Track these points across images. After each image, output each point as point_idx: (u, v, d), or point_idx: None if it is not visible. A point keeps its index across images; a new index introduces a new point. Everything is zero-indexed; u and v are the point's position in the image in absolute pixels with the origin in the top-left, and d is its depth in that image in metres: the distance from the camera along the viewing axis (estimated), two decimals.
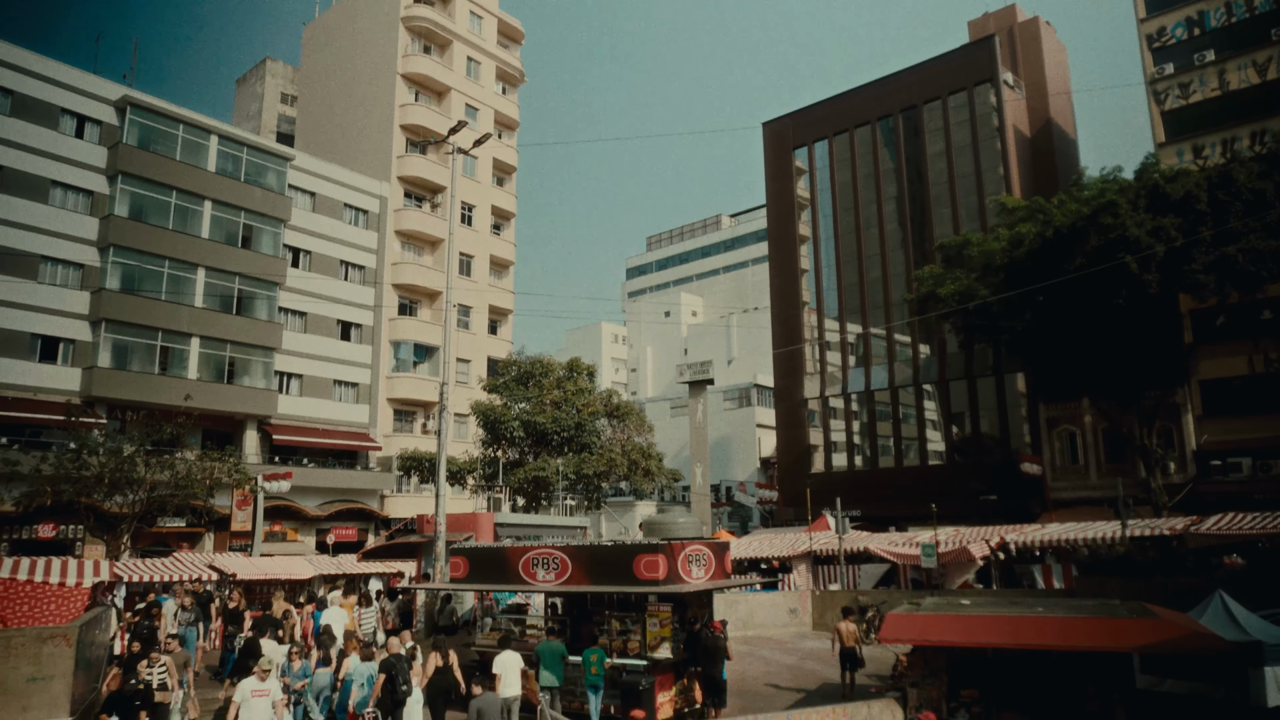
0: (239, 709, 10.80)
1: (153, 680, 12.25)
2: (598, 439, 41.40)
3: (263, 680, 11.09)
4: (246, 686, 10.99)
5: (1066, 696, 12.95)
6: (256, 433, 38.04)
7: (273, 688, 11.12)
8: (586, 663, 13.81)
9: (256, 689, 10.97)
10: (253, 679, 11.13)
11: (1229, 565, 22.85)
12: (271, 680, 11.15)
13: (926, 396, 45.33)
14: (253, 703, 10.86)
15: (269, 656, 11.49)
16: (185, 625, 15.60)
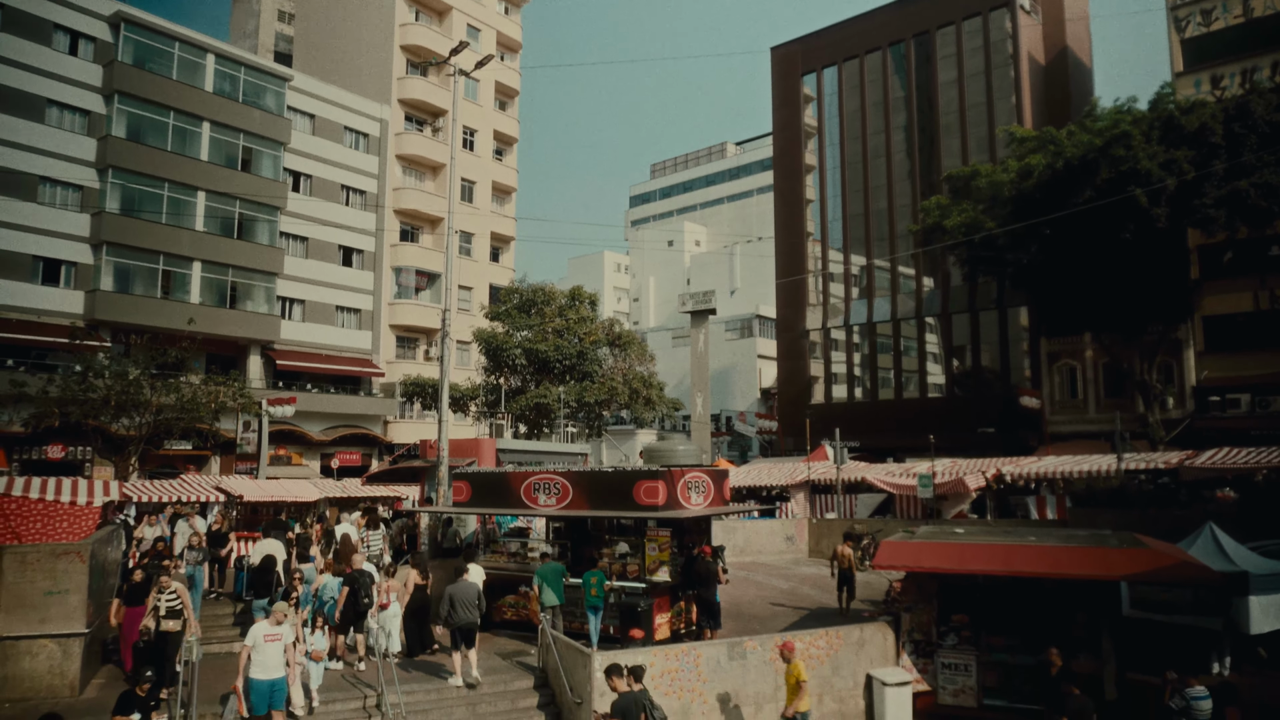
0: (251, 653, 10.58)
1: (161, 608, 12.19)
2: (599, 367, 41.57)
3: (277, 624, 10.87)
4: (259, 631, 10.75)
5: (1054, 623, 13.28)
6: (260, 358, 38.21)
7: (285, 632, 10.89)
8: (586, 585, 14.15)
9: (269, 633, 10.75)
10: (265, 623, 10.90)
11: (1221, 499, 23.16)
12: (285, 625, 10.93)
13: (928, 329, 45.31)
14: (265, 647, 10.65)
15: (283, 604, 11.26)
16: (193, 565, 15.12)
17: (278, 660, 10.63)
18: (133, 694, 9.26)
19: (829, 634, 13.26)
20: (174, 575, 13.25)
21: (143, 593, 12.77)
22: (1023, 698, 13.19)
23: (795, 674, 10.80)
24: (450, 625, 12.83)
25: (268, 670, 10.53)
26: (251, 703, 10.42)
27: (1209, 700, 10.06)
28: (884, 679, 12.97)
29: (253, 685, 10.46)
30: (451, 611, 12.78)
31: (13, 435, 28.90)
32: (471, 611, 12.80)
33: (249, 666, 10.50)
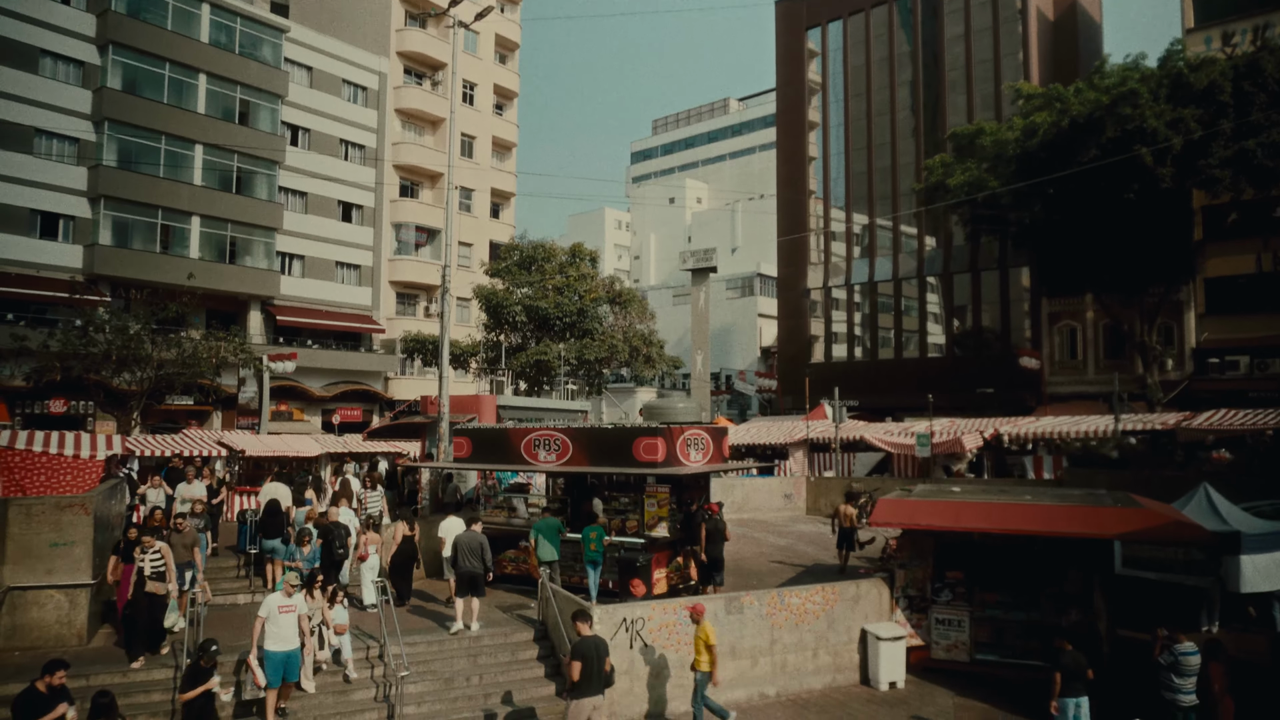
0: (264, 624, 10.42)
1: (145, 568, 11.76)
2: (600, 325, 41.57)
3: (289, 595, 10.72)
4: (273, 602, 10.59)
5: (1048, 580, 13.47)
6: (260, 313, 38.19)
7: (299, 603, 10.75)
8: (586, 540, 14.31)
9: (283, 604, 10.58)
10: (279, 595, 10.74)
11: (1216, 459, 23.34)
12: (298, 595, 10.80)
13: (929, 289, 45.21)
14: (280, 618, 10.47)
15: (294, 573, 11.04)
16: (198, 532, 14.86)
17: (292, 631, 10.53)
18: (197, 666, 9.37)
19: (825, 589, 13.45)
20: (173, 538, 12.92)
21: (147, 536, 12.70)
22: (1014, 653, 13.43)
23: (704, 636, 10.98)
24: (457, 572, 13.32)
25: (282, 642, 10.44)
26: (268, 674, 10.35)
27: (1196, 656, 10.23)
28: (878, 633, 13.18)
29: (267, 656, 10.36)
30: (456, 560, 13.34)
31: (15, 389, 28.99)
32: (475, 560, 13.13)
33: (263, 638, 10.40)
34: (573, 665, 9.69)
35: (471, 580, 13.06)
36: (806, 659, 13.10)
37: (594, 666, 9.75)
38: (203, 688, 8.83)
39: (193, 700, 9.05)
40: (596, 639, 10.09)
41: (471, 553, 13.15)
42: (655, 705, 11.92)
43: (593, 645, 9.92)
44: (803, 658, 13.07)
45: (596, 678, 9.76)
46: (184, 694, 8.97)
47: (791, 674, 12.97)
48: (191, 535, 13.20)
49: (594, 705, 9.74)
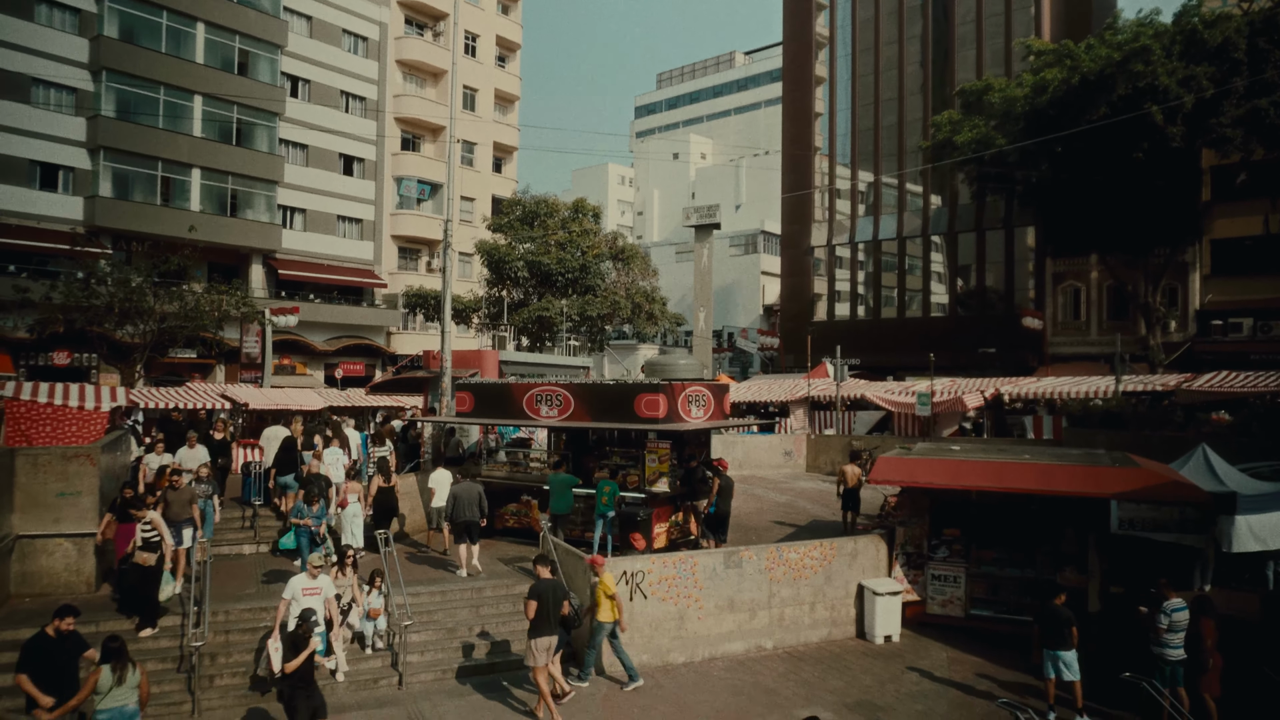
0: (289, 607, 10.19)
1: (136, 539, 11.64)
2: (602, 281, 41.45)
3: (314, 578, 10.49)
4: (297, 584, 10.38)
5: (1044, 538, 13.62)
6: (262, 267, 38.09)
7: (324, 584, 10.54)
8: (600, 493, 14.49)
9: (308, 587, 10.37)
10: (303, 576, 10.52)
11: (1216, 421, 23.39)
12: (323, 577, 10.57)
13: (934, 248, 44.96)
14: (305, 601, 10.20)
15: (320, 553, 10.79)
16: (205, 498, 14.40)
17: (319, 615, 10.24)
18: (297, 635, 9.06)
19: (823, 545, 13.61)
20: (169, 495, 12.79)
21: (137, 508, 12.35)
22: (1008, 609, 13.64)
23: (603, 587, 11.18)
24: (454, 521, 14.05)
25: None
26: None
27: (1185, 611, 10.38)
28: (875, 588, 13.37)
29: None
30: (454, 510, 14.06)
31: (18, 341, 29.05)
32: (473, 510, 13.97)
33: (287, 620, 10.08)
34: (529, 605, 10.21)
35: (469, 528, 13.91)
36: (804, 613, 13.31)
37: (549, 608, 10.25)
38: (304, 655, 8.66)
39: (296, 670, 8.80)
40: (554, 582, 10.57)
41: (470, 503, 14.04)
42: (654, 655, 12.14)
43: (549, 588, 10.38)
44: (800, 612, 13.27)
45: (552, 618, 10.28)
46: (287, 664, 8.73)
47: (789, 627, 13.18)
48: (189, 492, 13.06)
49: (549, 644, 10.27)
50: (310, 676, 8.95)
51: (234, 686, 10.85)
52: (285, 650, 8.83)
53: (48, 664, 8.22)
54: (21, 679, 8.10)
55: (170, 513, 12.49)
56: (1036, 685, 11.51)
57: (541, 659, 10.19)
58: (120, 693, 8.14)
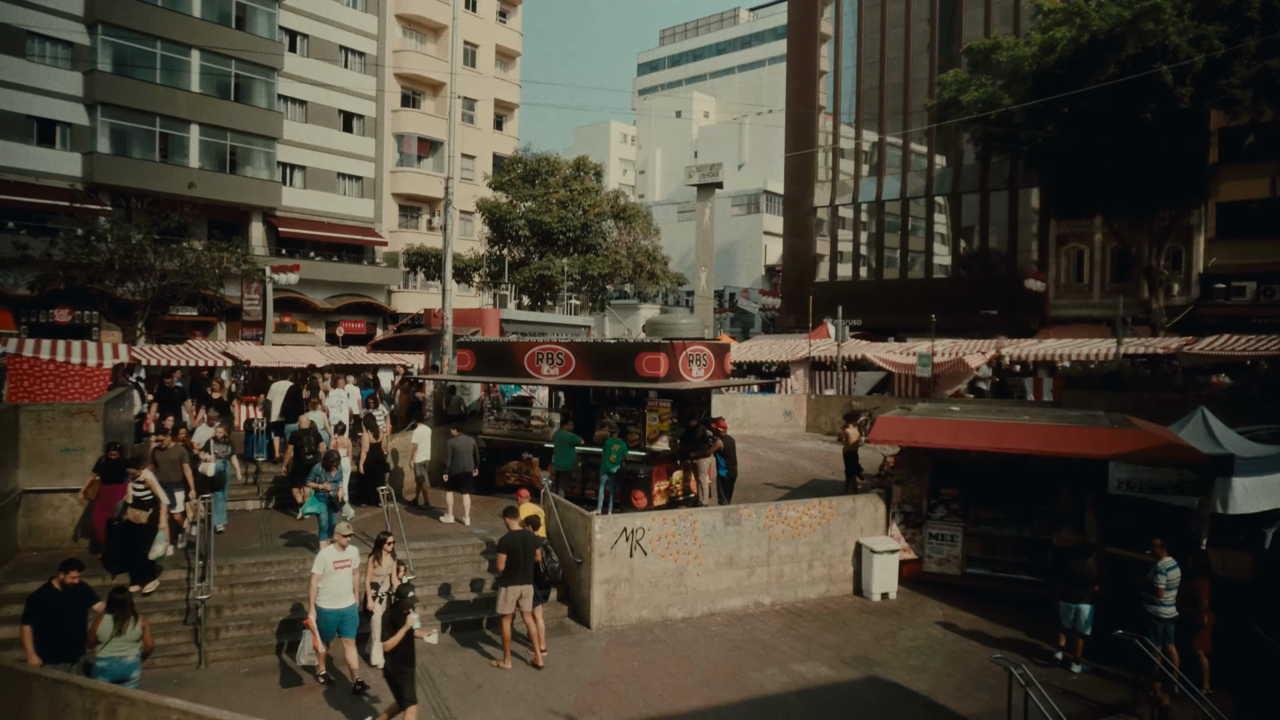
0: (319, 581, 9.64)
1: (128, 497, 11.43)
2: (603, 240, 41.27)
3: (343, 549, 9.88)
4: (328, 557, 9.75)
5: (1041, 499, 13.73)
6: (262, 225, 37.91)
7: (353, 555, 9.95)
8: (608, 450, 14.60)
9: (338, 559, 9.76)
10: (333, 548, 9.87)
11: (1216, 384, 23.43)
12: (352, 549, 9.99)
13: (937, 209, 44.68)
14: (335, 575, 9.70)
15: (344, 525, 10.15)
16: (223, 459, 14.06)
17: (347, 588, 9.81)
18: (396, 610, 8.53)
19: (822, 504, 13.72)
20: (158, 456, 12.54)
21: (122, 470, 12.09)
22: (1004, 567, 13.80)
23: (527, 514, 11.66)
24: (453, 474, 14.56)
25: (337, 600, 9.71)
26: (321, 631, 9.69)
27: (1178, 571, 10.50)
28: (872, 547, 13.51)
29: (322, 615, 9.65)
30: (454, 462, 14.51)
31: (19, 298, 29.03)
32: (470, 462, 14.58)
33: (318, 596, 9.64)
34: (499, 557, 10.48)
35: (465, 479, 14.45)
36: (802, 570, 13.46)
37: (519, 558, 10.46)
38: (403, 630, 8.29)
39: (396, 647, 8.35)
40: (524, 534, 10.70)
41: (467, 455, 14.61)
42: (654, 611, 12.31)
43: (519, 539, 10.57)
44: (798, 569, 13.43)
45: (523, 568, 10.48)
46: (386, 641, 8.32)
47: (787, 584, 13.34)
48: (178, 452, 12.74)
49: (519, 593, 10.49)
50: (413, 654, 8.50)
51: (239, 639, 11.02)
52: (384, 628, 8.44)
53: (54, 617, 8.33)
54: (24, 631, 8.23)
55: (160, 474, 12.21)
56: (1030, 642, 11.70)
57: (508, 607, 10.51)
58: (120, 644, 8.26)
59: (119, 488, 11.82)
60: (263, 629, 11.23)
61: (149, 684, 9.02)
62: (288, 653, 10.85)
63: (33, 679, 7.25)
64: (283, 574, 12.17)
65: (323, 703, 9.63)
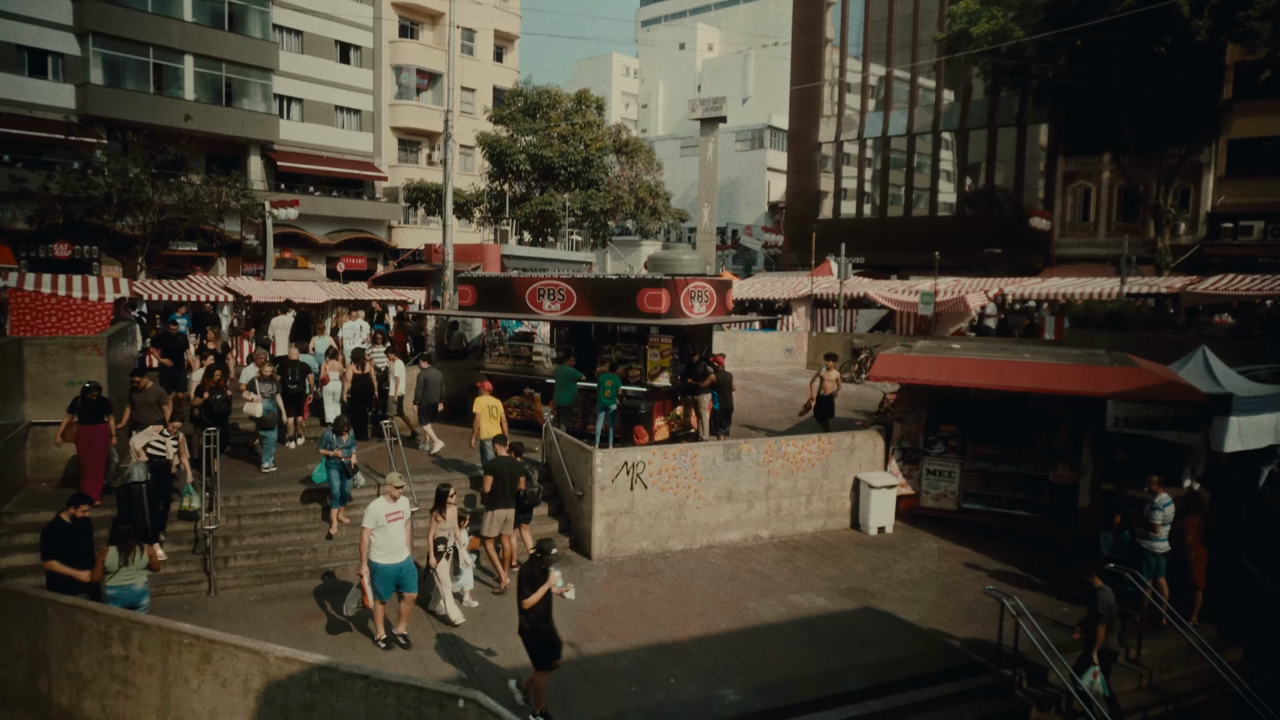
0: (372, 536, 9.16)
1: (166, 452, 11.26)
2: (605, 175, 40.79)
3: (394, 500, 9.35)
4: (379, 511, 9.20)
5: (1038, 436, 13.84)
6: (260, 159, 37.46)
7: (404, 507, 9.47)
8: (601, 385, 14.65)
9: (390, 512, 9.26)
10: (383, 500, 9.31)
11: (1218, 324, 23.43)
12: (403, 500, 9.49)
13: (944, 146, 44.02)
14: (389, 529, 9.21)
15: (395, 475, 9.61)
16: (269, 398, 13.58)
17: (401, 541, 9.34)
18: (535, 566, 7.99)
19: (821, 439, 13.85)
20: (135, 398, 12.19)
21: (102, 410, 11.64)
22: (999, 503, 14.00)
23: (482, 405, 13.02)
24: (423, 404, 14.91)
25: (393, 554, 9.25)
26: (377, 589, 9.21)
27: (1172, 507, 10.65)
28: (871, 482, 13.68)
29: (378, 571, 9.18)
30: (426, 393, 14.90)
31: (18, 232, 28.87)
32: (436, 393, 14.98)
33: (371, 551, 9.17)
34: (485, 480, 10.88)
35: (431, 409, 14.92)
36: (800, 504, 13.65)
37: (505, 483, 10.86)
38: (544, 588, 7.88)
39: (536, 604, 7.94)
40: (510, 460, 11.03)
41: (437, 387, 15.04)
42: (654, 543, 12.53)
43: (505, 464, 10.94)
44: (796, 503, 13.61)
45: (508, 492, 10.89)
46: (526, 600, 7.88)
47: (785, 518, 13.55)
48: (155, 393, 12.36)
49: (504, 517, 10.93)
50: (550, 612, 8.06)
51: (247, 568, 11.25)
52: (522, 586, 7.94)
53: (68, 547, 8.49)
54: (52, 564, 8.38)
55: (137, 415, 12.01)
56: (1023, 575, 11.94)
57: (494, 529, 10.95)
58: (128, 573, 8.41)
59: (99, 429, 11.55)
60: (270, 558, 11.46)
61: (161, 610, 9.25)
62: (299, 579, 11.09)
63: (49, 604, 7.44)
64: (288, 505, 12.36)
65: (330, 629, 9.88)
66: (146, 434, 11.56)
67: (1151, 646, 10.21)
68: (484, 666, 9.05)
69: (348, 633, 9.77)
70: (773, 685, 8.82)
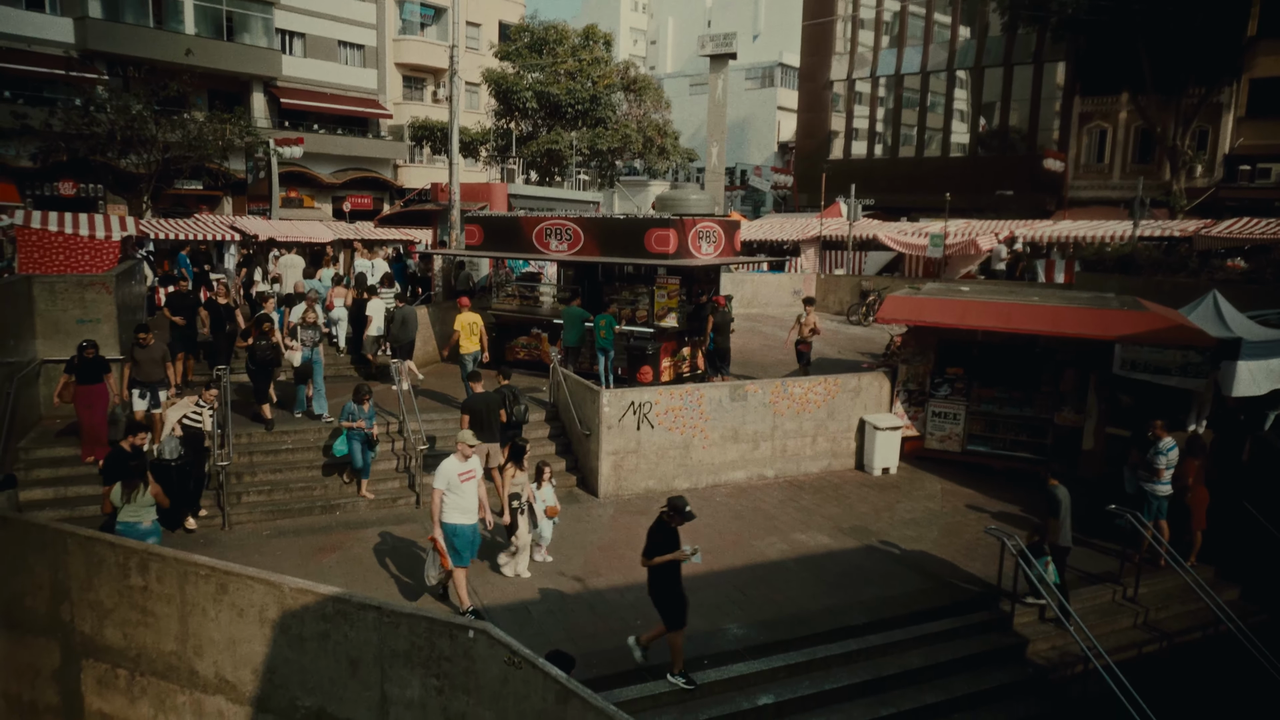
0: (445, 496, 8.71)
1: (204, 423, 10.82)
2: (613, 113, 40.20)
3: (466, 459, 8.86)
4: (451, 469, 8.71)
5: (1045, 379, 13.86)
6: (263, 95, 36.96)
7: (476, 466, 9.05)
8: (597, 327, 14.68)
9: (463, 471, 8.77)
10: (454, 460, 8.80)
11: (1230, 268, 23.20)
12: (474, 459, 9.06)
13: (958, 85, 43.14)
14: (462, 488, 8.75)
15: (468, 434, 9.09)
16: (311, 346, 13.10)
17: (474, 500, 8.87)
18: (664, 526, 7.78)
19: (827, 381, 13.89)
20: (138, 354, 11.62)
21: (100, 369, 11.26)
22: (1003, 445, 14.10)
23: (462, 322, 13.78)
24: (398, 341, 14.96)
25: (468, 513, 8.81)
26: (459, 553, 8.75)
27: (1175, 450, 10.70)
28: (876, 423, 13.76)
29: (458, 532, 8.75)
30: (402, 330, 15.02)
31: (23, 170, 28.69)
32: (410, 330, 15.11)
33: (445, 512, 8.75)
34: (463, 418, 10.98)
35: (409, 347, 15.01)
36: (805, 445, 13.76)
37: (484, 418, 11.02)
38: (677, 555, 7.54)
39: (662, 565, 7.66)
40: (486, 395, 11.31)
41: (410, 324, 15.14)
42: (660, 481, 12.68)
43: (481, 400, 11.19)
44: (802, 444, 13.72)
45: (488, 426, 11.04)
46: (654, 558, 7.65)
47: (790, 458, 13.67)
48: (160, 349, 11.89)
49: (487, 450, 10.96)
50: (680, 572, 7.83)
51: (261, 503, 11.45)
52: (649, 545, 7.65)
53: (127, 473, 8.64)
54: (107, 491, 8.57)
55: (141, 373, 11.59)
56: (1023, 516, 12.07)
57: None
58: (132, 510, 8.50)
59: (98, 389, 11.19)
60: (282, 494, 11.66)
61: (177, 544, 9.47)
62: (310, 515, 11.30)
63: (68, 536, 7.59)
64: (299, 443, 12.51)
65: (343, 562, 10.09)
66: (181, 406, 10.90)
67: (1149, 586, 10.37)
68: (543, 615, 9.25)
69: (359, 567, 9.98)
70: (775, 619, 9.01)
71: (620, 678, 7.88)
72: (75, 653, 7.71)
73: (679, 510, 7.41)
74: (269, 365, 12.65)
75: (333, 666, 6.53)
